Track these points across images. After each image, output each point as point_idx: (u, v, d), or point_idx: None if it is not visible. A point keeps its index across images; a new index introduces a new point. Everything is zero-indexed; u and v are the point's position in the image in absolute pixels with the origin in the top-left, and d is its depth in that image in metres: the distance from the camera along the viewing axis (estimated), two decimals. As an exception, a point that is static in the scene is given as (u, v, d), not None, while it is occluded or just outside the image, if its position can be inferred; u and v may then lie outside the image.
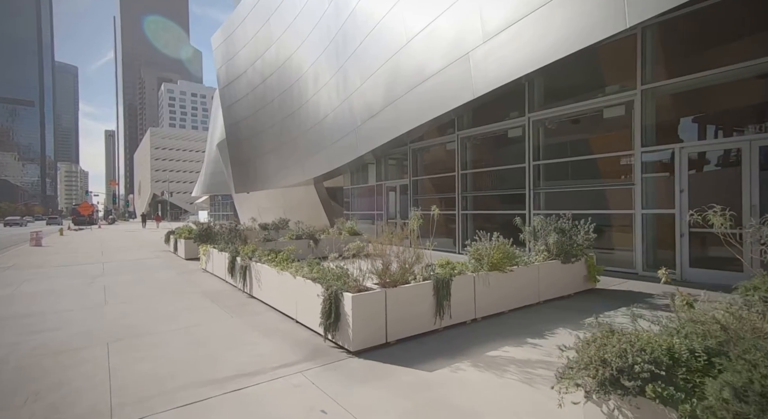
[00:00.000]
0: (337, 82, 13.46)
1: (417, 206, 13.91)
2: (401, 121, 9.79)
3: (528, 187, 9.62)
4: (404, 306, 4.27)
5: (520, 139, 10.07)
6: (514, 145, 10.48)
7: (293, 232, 11.41)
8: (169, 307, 6.04)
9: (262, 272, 6.10)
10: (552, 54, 6.35)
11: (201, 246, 9.39)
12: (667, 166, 7.29)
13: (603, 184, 8.51)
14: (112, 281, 8.42)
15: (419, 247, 4.71)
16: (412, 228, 4.86)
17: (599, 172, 8.77)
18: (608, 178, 8.52)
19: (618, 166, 8.26)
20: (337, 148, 13.96)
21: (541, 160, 9.51)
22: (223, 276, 8.13)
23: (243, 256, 6.82)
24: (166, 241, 14.53)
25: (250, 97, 19.93)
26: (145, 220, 45.90)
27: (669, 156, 7.24)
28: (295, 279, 5.02)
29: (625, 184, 7.90)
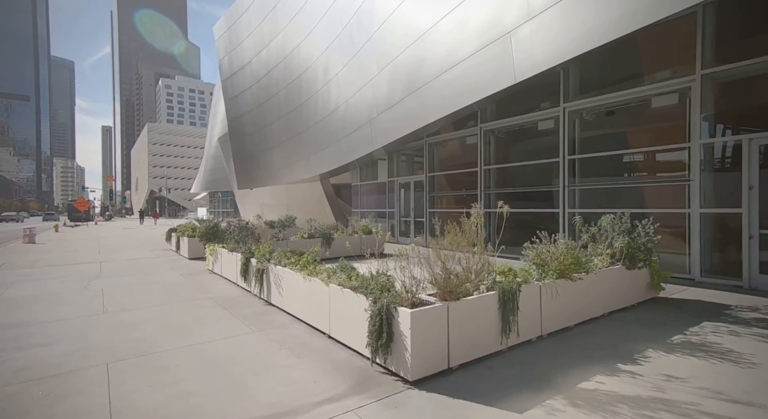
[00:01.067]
0: (350, 72, 12.69)
1: (434, 204, 13.20)
2: (426, 111, 9.02)
3: (562, 184, 8.89)
4: (466, 323, 3.53)
5: (553, 131, 9.33)
6: (544, 138, 9.75)
7: (305, 231, 10.65)
8: (177, 317, 5.28)
9: (284, 277, 5.34)
10: (611, 31, 5.60)
11: (208, 246, 8.63)
12: (731, 159, 6.57)
13: (650, 180, 7.78)
14: (110, 284, 7.65)
15: (487, 252, 3.96)
16: (473, 226, 4.09)
17: (644, 167, 8.05)
18: (656, 173, 7.80)
19: (668, 160, 7.54)
20: (349, 142, 13.19)
21: (578, 154, 8.77)
22: (234, 279, 7.38)
23: (259, 258, 6.06)
24: (168, 239, 13.74)
25: (254, 90, 19.12)
26: (143, 217, 45.03)
27: (734, 149, 6.52)
28: (328, 288, 4.28)
29: (678, 180, 7.18)
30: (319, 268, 4.81)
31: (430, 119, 8.94)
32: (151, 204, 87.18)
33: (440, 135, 12.63)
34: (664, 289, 5.66)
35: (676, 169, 7.38)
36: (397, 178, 15.34)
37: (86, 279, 8.28)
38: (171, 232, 13.41)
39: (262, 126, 19.05)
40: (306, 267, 5.04)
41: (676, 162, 7.36)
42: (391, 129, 10.66)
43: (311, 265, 5.13)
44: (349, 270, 4.48)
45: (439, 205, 13.15)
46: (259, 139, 19.41)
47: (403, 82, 9.86)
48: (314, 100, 15.17)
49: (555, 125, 9.25)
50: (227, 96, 21.24)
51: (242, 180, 21.37)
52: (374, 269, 4.32)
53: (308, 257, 5.27)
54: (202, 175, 43.96)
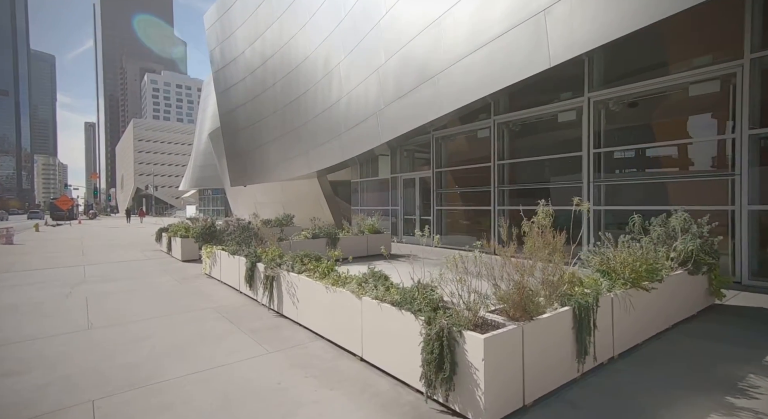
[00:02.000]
0: (354, 61, 11.95)
1: (441, 201, 12.58)
2: (442, 101, 8.36)
3: (587, 179, 8.33)
4: (541, 348, 2.89)
5: (575, 123, 8.77)
6: (565, 131, 9.19)
7: (309, 231, 9.93)
8: (177, 333, 4.55)
9: (300, 286, 4.65)
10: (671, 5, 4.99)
11: (205, 248, 7.87)
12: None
13: (687, 175, 7.25)
14: (96, 291, 6.84)
15: (562, 258, 3.34)
16: (540, 228, 3.45)
17: (679, 161, 7.52)
18: (693, 168, 7.28)
19: (707, 153, 7.02)
20: (351, 136, 12.47)
21: (603, 147, 8.21)
22: (237, 286, 6.64)
23: (267, 263, 5.34)
24: (158, 240, 12.87)
25: (248, 82, 18.22)
26: (130, 215, 43.65)
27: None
28: (360, 302, 3.61)
29: (720, 174, 6.65)
30: (346, 277, 4.13)
31: (447, 109, 8.28)
32: (137, 202, 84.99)
33: (448, 128, 11.99)
34: (725, 296, 5.10)
35: (716, 163, 6.86)
36: (400, 174, 14.67)
37: (69, 285, 7.45)
38: (161, 232, 12.55)
39: (256, 120, 18.18)
40: (327, 275, 4.35)
41: (717, 155, 6.84)
42: (400, 121, 9.97)
43: (332, 272, 4.45)
44: (384, 280, 3.81)
45: (448, 203, 12.53)
46: (253, 133, 18.53)
47: (415, 70, 9.17)
48: (313, 92, 14.39)
49: (577, 117, 8.69)
50: (219, 88, 20.28)
51: (235, 177, 20.46)
52: (400, 272, 3.69)
53: (328, 263, 4.57)
54: (191, 171, 42.69)
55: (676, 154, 7.56)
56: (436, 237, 4.48)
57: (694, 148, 7.31)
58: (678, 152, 7.53)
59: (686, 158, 7.43)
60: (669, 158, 7.67)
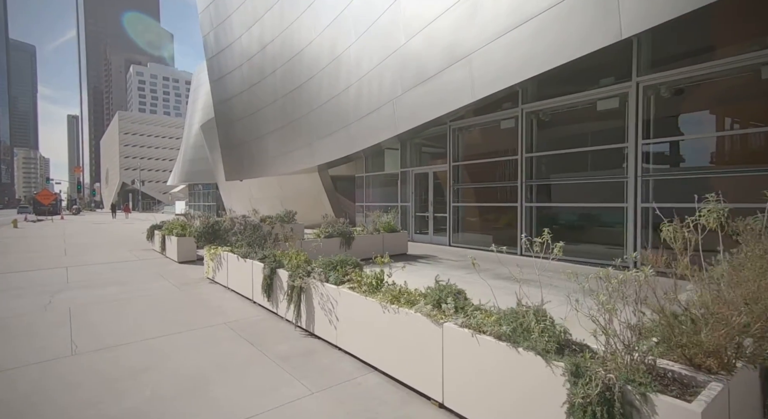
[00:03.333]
0: (366, 44, 10.98)
1: (458, 197, 11.73)
2: (477, 83, 7.47)
3: (634, 173, 7.54)
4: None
5: (617, 112, 7.97)
6: (606, 121, 8.40)
7: (321, 229, 8.97)
8: (186, 360, 3.60)
9: (342, 302, 3.73)
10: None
11: (208, 249, 6.88)
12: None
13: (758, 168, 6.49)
14: (81, 300, 5.81)
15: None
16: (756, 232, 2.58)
17: (743, 152, 6.77)
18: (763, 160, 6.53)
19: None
20: (362, 127, 11.52)
21: (653, 138, 7.43)
22: (248, 294, 5.69)
23: (294, 270, 4.40)
24: (150, 238, 11.77)
25: (245, 69, 17.09)
26: (115, 211, 42.01)
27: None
28: (440, 329, 2.71)
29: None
30: (407, 292, 3.23)
31: (483, 93, 7.40)
32: (123, 197, 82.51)
33: (467, 119, 11.12)
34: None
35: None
36: (412, 168, 13.77)
37: (48, 292, 6.39)
38: (153, 230, 11.45)
39: (253, 110, 17.07)
40: (377, 289, 3.45)
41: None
42: (422, 108, 9.06)
43: (382, 284, 3.55)
44: (464, 299, 2.93)
45: (466, 199, 11.68)
46: (250, 124, 17.42)
47: (442, 51, 8.26)
48: (318, 80, 13.38)
49: (621, 104, 7.89)
50: (213, 77, 19.08)
51: (230, 170, 19.33)
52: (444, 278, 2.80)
53: (377, 275, 3.65)
54: (181, 166, 41.13)
55: (741, 144, 6.80)
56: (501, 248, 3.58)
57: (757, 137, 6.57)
58: (743, 142, 6.78)
59: (756, 149, 6.67)
60: (733, 149, 6.92)
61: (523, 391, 2.19)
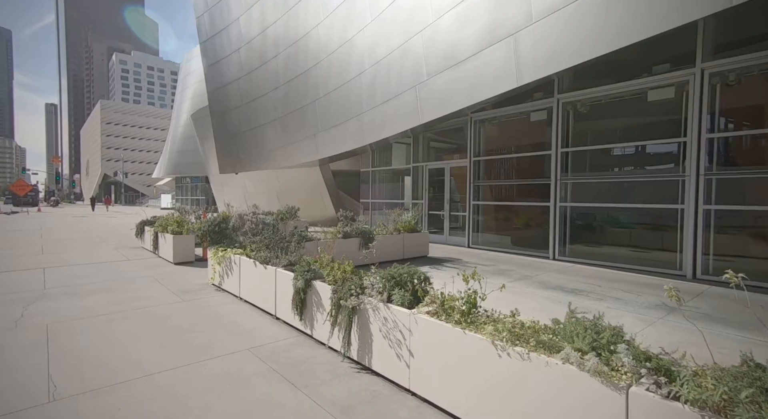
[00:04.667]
0: (385, 25, 10.00)
1: (479, 195, 10.89)
2: (526, 66, 6.56)
3: (695, 171, 6.78)
4: None
5: (670, 103, 7.21)
6: (656, 112, 7.63)
7: (339, 229, 8.00)
8: (211, 414, 2.63)
9: (422, 333, 2.79)
10: None
11: (215, 251, 5.86)
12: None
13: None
14: (62, 313, 4.75)
15: None
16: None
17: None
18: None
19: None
20: (377, 116, 10.55)
21: (718, 131, 6.67)
22: (269, 308, 4.72)
23: (343, 286, 3.45)
24: (139, 235, 10.60)
25: (243, 53, 15.88)
26: (95, 204, 40.11)
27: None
28: (621, 396, 1.81)
29: None
30: (536, 328, 2.32)
31: (532, 76, 6.49)
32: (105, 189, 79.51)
33: (493, 110, 10.26)
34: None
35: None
36: (425, 163, 12.88)
37: (20, 302, 5.30)
38: (144, 226, 10.30)
39: (252, 98, 15.90)
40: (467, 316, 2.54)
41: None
42: (452, 95, 8.14)
43: (476, 311, 2.65)
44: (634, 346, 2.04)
45: (487, 197, 10.84)
46: (248, 113, 16.25)
47: (479, 30, 7.34)
48: (326, 65, 12.33)
49: (677, 94, 7.12)
50: (207, 61, 17.78)
51: (225, 163, 18.11)
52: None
53: (468, 297, 2.73)
54: (168, 158, 39.39)
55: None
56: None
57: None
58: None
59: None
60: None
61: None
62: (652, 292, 5.86)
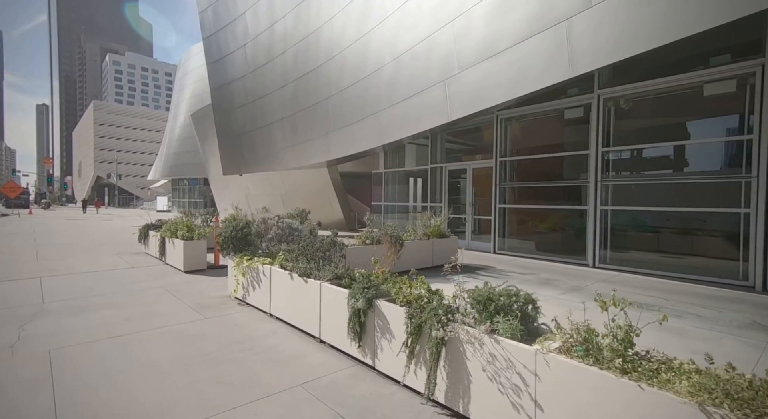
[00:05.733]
0: (408, 16, 9.39)
1: (506, 197, 10.27)
2: (584, 53, 5.93)
3: (757, 171, 6.21)
4: None
5: (729, 98, 6.65)
6: (713, 107, 7.06)
7: (366, 233, 7.33)
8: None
9: (554, 380, 2.13)
10: None
11: (239, 259, 5.16)
12: None
13: None
14: (65, 335, 4.02)
15: None
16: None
17: None
18: None
19: None
20: (398, 114, 9.91)
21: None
22: (311, 328, 4.03)
23: (428, 313, 2.77)
24: (142, 239, 9.83)
25: (249, 49, 15.19)
26: (86, 206, 39.10)
27: None
28: None
29: None
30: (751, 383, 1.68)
31: (590, 66, 5.88)
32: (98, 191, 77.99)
33: (522, 107, 9.67)
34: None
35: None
36: (444, 164, 12.26)
37: (16, 320, 4.57)
38: (148, 230, 9.55)
39: (258, 96, 15.20)
40: (625, 357, 1.89)
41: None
42: (488, 89, 7.52)
43: (631, 350, 2.00)
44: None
45: (515, 200, 10.22)
46: (253, 112, 15.53)
47: (525, 16, 6.73)
48: (340, 61, 11.68)
49: (738, 89, 6.56)
50: (210, 58, 17.05)
51: (229, 163, 17.34)
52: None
53: (625, 333, 2.08)
54: (164, 159, 38.42)
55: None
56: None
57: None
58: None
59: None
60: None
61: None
62: (729, 307, 5.25)
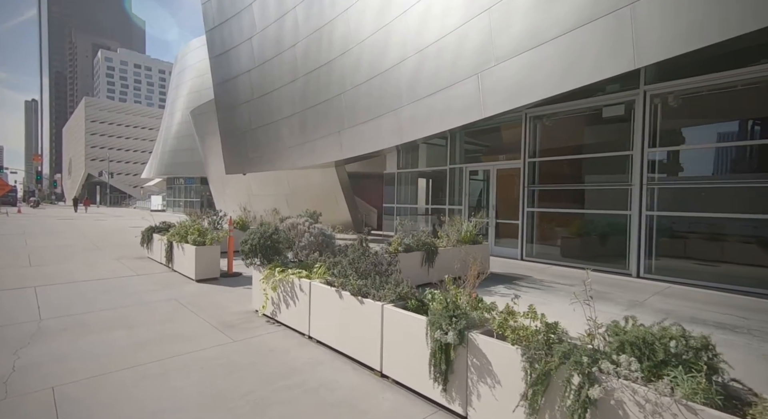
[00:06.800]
0: (432, 6, 8.76)
1: (534, 200, 9.68)
2: (657, 41, 5.32)
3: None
4: None
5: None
6: None
7: (397, 240, 6.66)
8: None
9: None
10: None
11: (269, 272, 4.47)
12: None
13: None
14: (69, 366, 3.31)
15: None
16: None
17: None
18: None
19: None
20: (422, 110, 9.27)
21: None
22: (366, 358, 3.37)
23: (554, 356, 2.13)
24: (145, 243, 9.07)
25: (256, 42, 14.45)
26: (77, 205, 38.00)
27: None
28: None
29: None
30: None
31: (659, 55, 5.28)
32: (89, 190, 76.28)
33: (553, 105, 9.08)
34: None
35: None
36: (464, 164, 11.65)
37: (9, 345, 3.84)
38: (152, 233, 8.80)
39: (265, 91, 14.47)
40: None
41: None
42: (532, 82, 6.90)
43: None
44: None
45: (546, 203, 9.63)
46: (259, 108, 14.80)
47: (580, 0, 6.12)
48: (356, 54, 11.01)
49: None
50: (213, 52, 16.26)
51: (232, 162, 16.56)
52: None
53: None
54: (159, 158, 37.37)
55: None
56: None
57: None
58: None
59: None
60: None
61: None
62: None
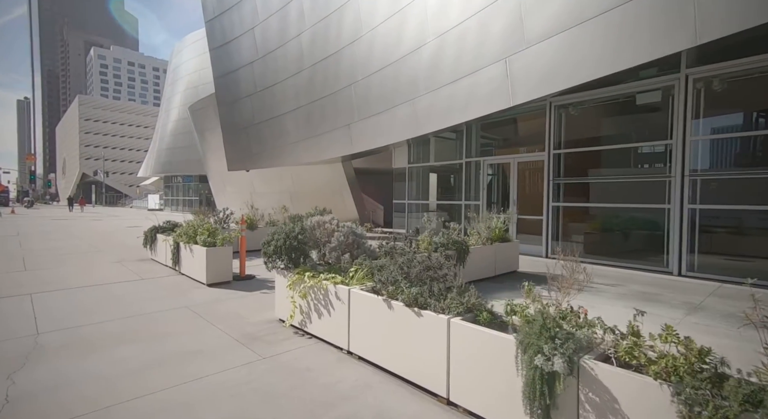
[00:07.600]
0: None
1: (559, 194, 9.17)
2: (724, 13, 4.79)
3: None
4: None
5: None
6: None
7: (426, 239, 6.13)
8: None
9: None
10: None
11: (297, 277, 3.93)
12: None
13: None
14: (74, 395, 2.75)
15: None
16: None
17: None
18: None
19: None
20: (441, 100, 8.72)
21: None
22: (428, 383, 2.83)
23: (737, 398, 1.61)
24: (148, 244, 8.48)
25: (258, 33, 13.82)
26: (72, 204, 37.21)
27: None
28: None
29: None
30: None
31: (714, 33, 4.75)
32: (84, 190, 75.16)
33: (581, 93, 8.55)
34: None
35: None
36: (482, 158, 11.12)
37: (3, 362, 3.28)
38: (155, 233, 8.22)
39: (268, 84, 13.85)
40: None
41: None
42: (569, 66, 6.36)
43: None
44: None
45: (573, 197, 9.12)
46: (262, 102, 14.18)
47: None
48: (368, 41, 10.43)
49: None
50: (214, 44, 15.60)
51: (234, 158, 15.94)
52: None
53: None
54: (155, 156, 36.59)
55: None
56: None
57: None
58: None
59: None
60: None
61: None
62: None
